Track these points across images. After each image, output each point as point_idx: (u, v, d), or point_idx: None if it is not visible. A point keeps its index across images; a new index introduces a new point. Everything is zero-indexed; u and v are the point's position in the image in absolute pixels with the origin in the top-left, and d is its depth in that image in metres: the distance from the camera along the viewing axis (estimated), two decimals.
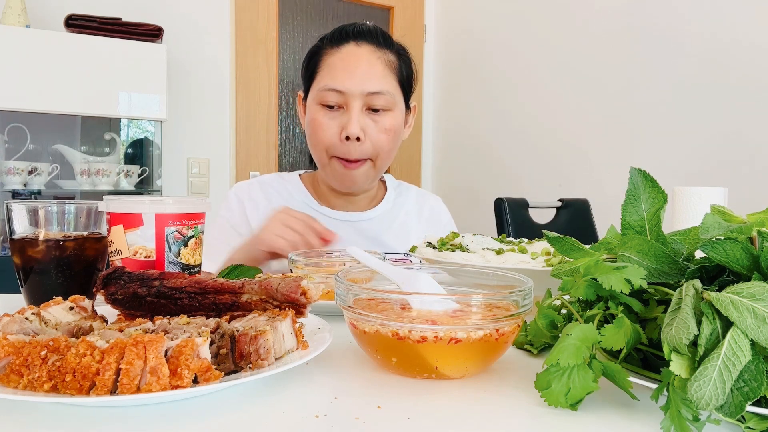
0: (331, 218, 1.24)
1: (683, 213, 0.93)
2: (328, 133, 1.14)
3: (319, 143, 1.16)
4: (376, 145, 1.15)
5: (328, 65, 1.15)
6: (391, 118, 1.16)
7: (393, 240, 1.27)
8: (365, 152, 1.14)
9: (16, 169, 2.45)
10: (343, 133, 1.12)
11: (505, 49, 3.14)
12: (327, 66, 1.15)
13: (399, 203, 1.34)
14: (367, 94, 1.12)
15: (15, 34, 2.32)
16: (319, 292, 0.60)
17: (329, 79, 1.13)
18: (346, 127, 1.11)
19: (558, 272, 0.59)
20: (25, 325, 0.55)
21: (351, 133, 1.11)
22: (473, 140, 3.36)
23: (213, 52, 3.01)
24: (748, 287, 0.44)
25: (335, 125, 1.13)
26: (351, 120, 1.11)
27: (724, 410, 0.42)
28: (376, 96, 1.13)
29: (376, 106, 1.13)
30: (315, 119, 1.15)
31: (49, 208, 0.78)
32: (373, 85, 1.12)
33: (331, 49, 1.16)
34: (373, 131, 1.14)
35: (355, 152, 1.13)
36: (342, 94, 1.12)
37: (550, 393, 0.48)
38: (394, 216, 1.31)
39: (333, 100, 1.13)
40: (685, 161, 2.27)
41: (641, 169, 0.60)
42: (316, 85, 1.16)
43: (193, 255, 0.77)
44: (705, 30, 2.21)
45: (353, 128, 1.11)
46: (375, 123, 1.14)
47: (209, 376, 0.46)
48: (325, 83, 1.13)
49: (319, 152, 1.17)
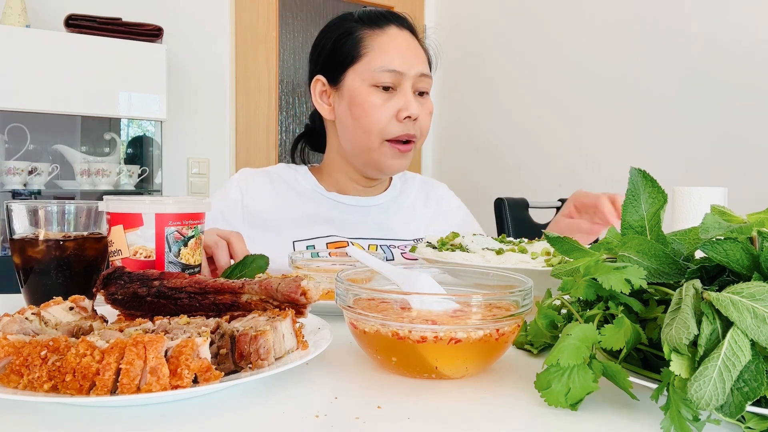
0: (340, 203, 1.23)
1: (683, 213, 0.93)
2: (385, 115, 1.12)
3: (373, 126, 1.12)
4: (422, 127, 1.16)
5: (379, 46, 1.13)
6: (431, 102, 1.19)
7: (400, 226, 1.26)
8: (417, 132, 1.15)
9: (16, 169, 2.45)
10: (402, 113, 1.11)
11: (505, 50, 3.14)
12: (378, 47, 1.13)
13: (405, 190, 1.34)
14: (420, 75, 1.13)
15: (15, 34, 2.32)
16: (319, 292, 0.60)
17: (384, 60, 1.12)
18: (406, 107, 1.11)
19: (558, 272, 0.59)
20: (25, 325, 0.55)
21: (413, 112, 1.11)
22: (473, 140, 3.36)
23: (213, 53, 3.01)
24: (748, 287, 0.44)
25: (391, 106, 1.12)
26: (410, 100, 1.12)
27: (724, 410, 0.42)
28: (424, 78, 1.14)
29: (422, 89, 1.15)
30: (368, 101, 1.12)
31: (49, 208, 0.78)
32: (423, 67, 1.15)
33: (373, 31, 1.15)
34: (422, 113, 1.15)
35: (412, 131, 1.13)
36: (398, 74, 1.11)
37: (550, 393, 0.48)
38: (401, 203, 1.31)
39: (389, 81, 1.11)
40: (685, 161, 2.27)
41: (641, 169, 0.60)
42: (366, 66, 1.13)
43: (193, 255, 0.77)
44: (706, 29, 2.21)
45: (414, 108, 1.11)
46: (422, 105, 1.15)
47: (209, 376, 0.46)
48: (380, 64, 1.11)
49: (371, 136, 1.14)
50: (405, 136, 1.13)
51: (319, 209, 1.21)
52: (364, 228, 1.22)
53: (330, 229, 1.19)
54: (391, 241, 1.22)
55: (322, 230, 1.18)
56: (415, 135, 1.15)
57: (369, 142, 1.14)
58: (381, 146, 1.14)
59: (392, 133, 1.13)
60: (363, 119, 1.13)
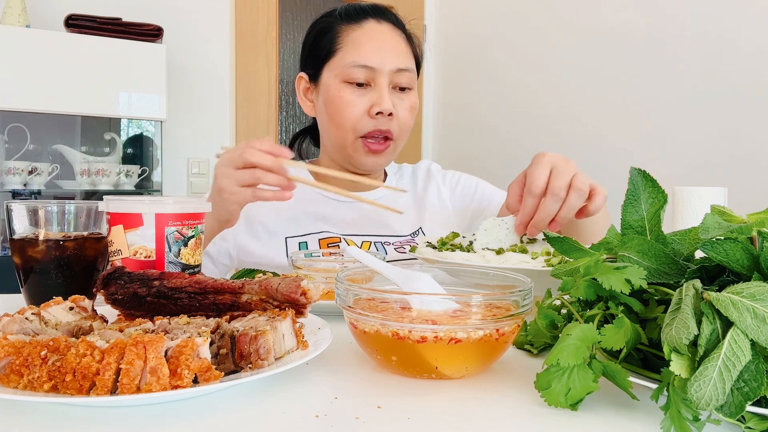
0: (334, 199, 1.22)
1: (683, 213, 0.93)
2: (357, 110, 1.10)
3: (345, 121, 1.11)
4: (401, 123, 1.13)
5: (353, 41, 1.11)
6: (413, 97, 1.15)
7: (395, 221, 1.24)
8: (394, 129, 1.12)
9: (16, 169, 2.45)
10: (373, 108, 1.08)
11: (505, 49, 3.14)
12: (351, 42, 1.11)
13: (400, 184, 1.33)
14: (396, 70, 1.10)
15: (15, 34, 2.32)
16: (319, 292, 0.60)
17: (357, 56, 1.10)
18: (378, 103, 1.08)
19: (558, 272, 0.59)
20: (25, 325, 0.55)
21: (385, 108, 1.08)
22: (473, 141, 3.36)
23: (213, 52, 3.01)
24: (748, 287, 0.44)
25: (364, 102, 1.10)
26: (383, 96, 1.09)
27: (724, 410, 0.42)
28: (402, 73, 1.11)
29: (401, 84, 1.12)
30: (341, 97, 1.10)
31: (49, 208, 0.78)
32: (400, 62, 1.11)
33: (349, 25, 1.13)
34: (400, 109, 1.12)
35: (384, 126, 1.10)
36: (371, 70, 1.09)
37: (550, 393, 0.48)
38: (396, 197, 1.28)
39: (362, 76, 1.09)
40: (685, 161, 2.27)
41: (641, 169, 0.60)
42: (339, 62, 1.11)
43: (193, 255, 0.77)
44: (706, 29, 2.21)
45: (387, 104, 1.08)
46: (401, 101, 1.13)
47: (209, 376, 0.46)
48: (352, 59, 1.10)
49: (344, 133, 1.13)
50: (377, 131, 1.11)
51: (313, 206, 1.20)
52: (358, 224, 1.21)
53: (323, 226, 1.18)
54: (386, 237, 1.21)
55: (315, 227, 1.17)
56: (390, 131, 1.11)
57: (343, 139, 1.13)
58: (354, 143, 1.13)
59: (364, 129, 1.11)
60: (336, 116, 1.12)
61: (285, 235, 1.17)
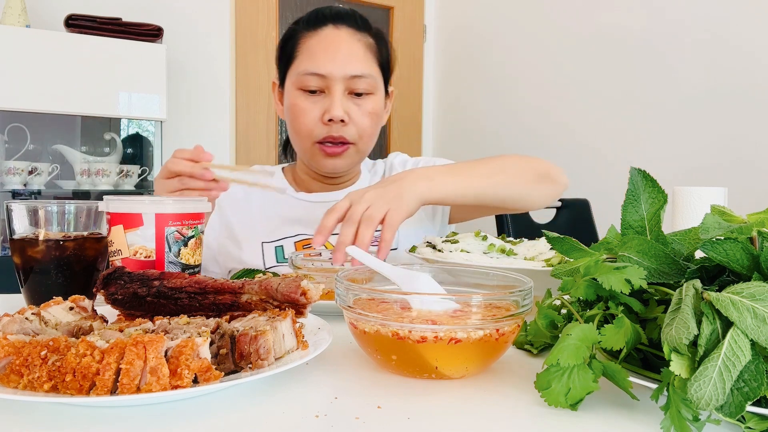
0: (307, 201, 1.21)
1: (683, 213, 0.93)
2: (309, 117, 1.10)
3: (301, 129, 1.12)
4: (359, 128, 1.12)
5: (307, 49, 1.11)
6: (374, 102, 1.13)
7: None
8: (350, 135, 1.11)
9: (16, 169, 2.45)
10: (325, 116, 1.09)
11: (505, 50, 3.14)
12: (306, 50, 1.12)
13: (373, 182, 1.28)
14: (350, 77, 1.09)
15: (15, 34, 2.32)
16: (319, 292, 0.60)
17: (309, 63, 1.10)
18: (329, 110, 1.08)
19: (558, 272, 0.59)
20: (25, 325, 0.55)
21: (335, 115, 1.08)
22: (473, 142, 3.36)
23: (213, 53, 3.01)
24: (748, 287, 0.44)
25: (317, 109, 1.10)
26: (334, 102, 1.08)
27: (724, 410, 0.42)
28: (358, 79, 1.10)
29: (358, 89, 1.10)
30: (295, 104, 1.12)
31: (49, 208, 0.78)
32: (355, 68, 1.09)
33: (308, 32, 1.13)
34: (356, 115, 1.11)
35: (337, 133, 1.10)
36: (323, 78, 1.09)
37: (550, 393, 0.48)
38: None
39: (314, 84, 1.10)
40: (685, 161, 2.27)
41: (641, 169, 0.60)
42: (295, 70, 1.12)
43: (193, 255, 0.77)
44: (706, 30, 2.21)
45: (336, 111, 1.08)
46: (358, 107, 1.12)
47: (209, 376, 0.46)
48: (305, 67, 1.10)
49: (301, 139, 1.14)
50: (329, 138, 1.11)
51: (288, 210, 1.20)
52: None
53: (298, 229, 1.18)
54: None
55: (290, 230, 1.18)
56: (344, 137, 1.11)
57: (302, 144, 1.15)
58: (312, 148, 1.14)
59: (319, 135, 1.11)
60: (294, 122, 1.14)
61: (261, 240, 1.17)
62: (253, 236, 1.18)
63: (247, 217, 1.20)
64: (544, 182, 1.08)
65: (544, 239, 0.82)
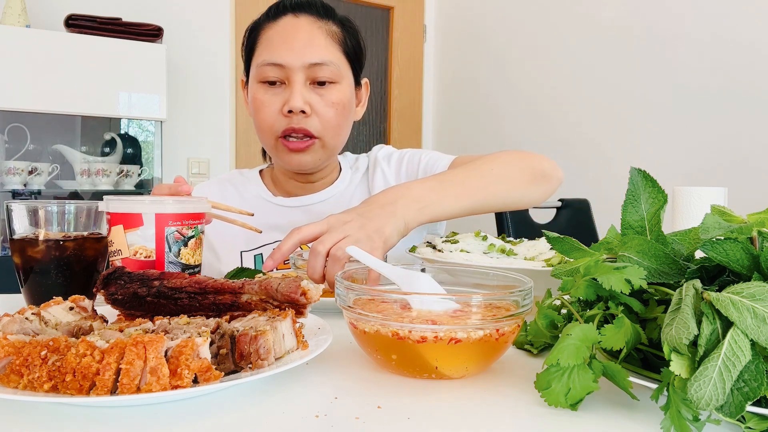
0: (283, 206, 1.18)
1: (683, 213, 0.93)
2: (270, 110, 1.06)
3: (262, 123, 1.08)
4: (323, 120, 1.07)
5: (266, 39, 1.08)
6: (338, 92, 1.08)
7: None
8: (313, 128, 1.06)
9: (16, 169, 2.45)
10: (285, 107, 1.04)
11: (505, 50, 3.14)
12: (265, 40, 1.08)
13: (355, 180, 1.24)
14: (309, 65, 1.04)
15: (15, 34, 2.32)
16: (319, 292, 0.60)
17: (267, 54, 1.06)
18: (288, 101, 1.04)
19: (558, 272, 0.59)
20: (25, 325, 0.55)
21: (294, 106, 1.03)
22: (473, 142, 3.36)
23: (213, 52, 3.01)
24: (748, 287, 0.44)
25: (277, 101, 1.06)
26: (293, 93, 1.04)
27: (724, 410, 0.42)
28: (319, 67, 1.05)
29: (321, 78, 1.06)
30: (255, 98, 1.07)
31: (49, 208, 0.78)
32: (314, 56, 1.05)
33: (268, 24, 1.09)
34: (319, 105, 1.06)
35: (298, 125, 1.05)
36: (282, 68, 1.04)
37: (550, 393, 0.48)
38: (350, 195, 1.21)
39: (273, 75, 1.05)
40: (685, 161, 2.27)
41: (641, 169, 0.60)
42: (255, 62, 1.09)
43: (193, 255, 0.77)
44: (706, 29, 2.21)
45: (295, 101, 1.03)
46: (321, 97, 1.06)
47: (209, 376, 0.46)
48: (263, 58, 1.06)
49: (264, 134, 1.09)
50: (290, 129, 1.06)
51: (265, 217, 1.14)
52: None
53: (276, 235, 1.14)
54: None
55: (268, 237, 1.14)
56: (306, 129, 1.06)
57: (266, 140, 1.11)
58: (276, 144, 1.09)
59: (280, 128, 1.06)
60: (255, 117, 1.10)
61: (239, 249, 1.15)
62: (233, 246, 1.15)
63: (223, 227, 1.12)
64: (539, 181, 1.05)
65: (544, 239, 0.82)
